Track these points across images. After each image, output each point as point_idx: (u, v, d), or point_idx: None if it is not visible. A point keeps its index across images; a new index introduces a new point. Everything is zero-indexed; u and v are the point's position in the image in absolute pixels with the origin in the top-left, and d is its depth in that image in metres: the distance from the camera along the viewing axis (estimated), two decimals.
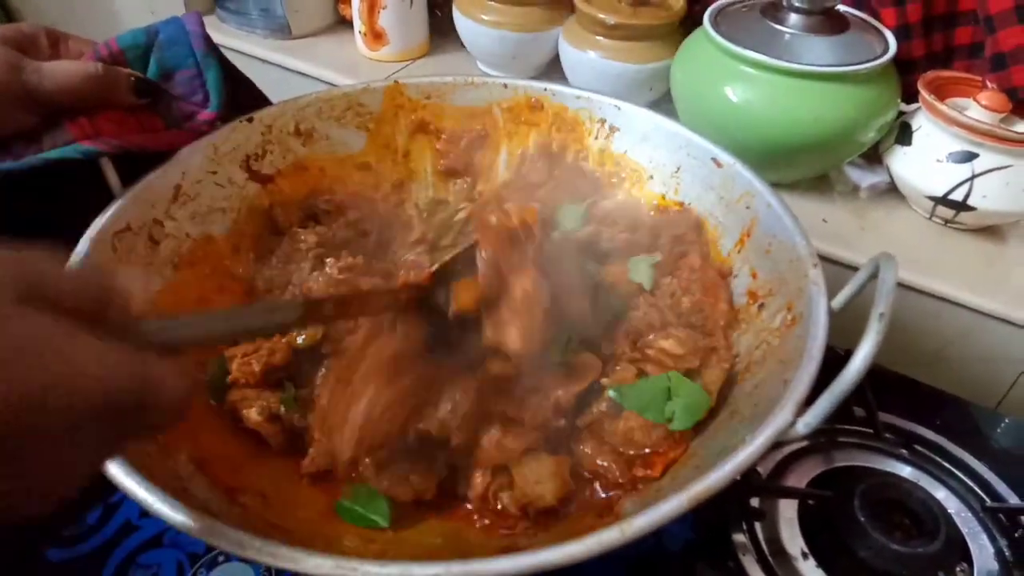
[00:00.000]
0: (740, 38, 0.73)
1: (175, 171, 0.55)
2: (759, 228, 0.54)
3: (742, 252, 0.55)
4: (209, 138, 0.58)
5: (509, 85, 0.67)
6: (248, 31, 1.04)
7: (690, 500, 0.34)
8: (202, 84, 0.56)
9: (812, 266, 0.47)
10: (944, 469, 0.59)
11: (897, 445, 0.60)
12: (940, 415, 0.63)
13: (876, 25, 0.77)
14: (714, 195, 0.58)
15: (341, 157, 0.66)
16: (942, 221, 0.77)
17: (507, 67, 0.95)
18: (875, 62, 0.71)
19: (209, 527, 0.34)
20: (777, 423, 0.37)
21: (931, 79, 0.76)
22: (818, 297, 0.44)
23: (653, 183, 0.63)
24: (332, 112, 0.65)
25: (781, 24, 0.74)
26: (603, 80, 0.86)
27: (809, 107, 0.72)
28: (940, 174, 0.73)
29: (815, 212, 0.79)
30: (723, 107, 0.75)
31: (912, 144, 0.76)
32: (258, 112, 0.61)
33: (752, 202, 0.54)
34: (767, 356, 0.47)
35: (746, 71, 0.73)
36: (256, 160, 0.61)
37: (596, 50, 0.85)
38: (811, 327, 0.42)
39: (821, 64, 0.71)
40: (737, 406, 0.46)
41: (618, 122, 0.65)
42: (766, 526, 0.54)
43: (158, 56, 0.56)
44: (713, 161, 0.58)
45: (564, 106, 0.66)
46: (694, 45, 0.80)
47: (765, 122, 0.74)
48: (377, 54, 1.00)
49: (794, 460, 0.58)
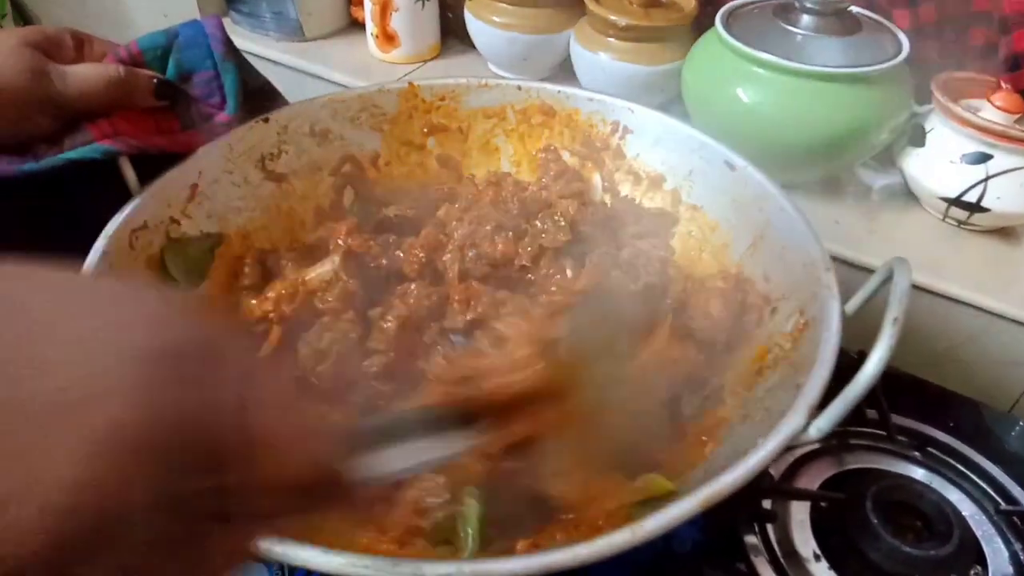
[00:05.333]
0: (752, 39, 0.73)
1: (192, 170, 0.56)
2: (772, 232, 0.54)
3: (755, 255, 0.55)
4: (225, 138, 0.58)
5: (523, 87, 0.67)
6: (261, 34, 1.04)
7: (701, 503, 0.34)
8: (220, 86, 0.57)
9: (825, 270, 0.47)
10: (958, 471, 0.58)
11: (910, 447, 0.60)
12: (953, 417, 0.63)
13: (889, 26, 0.77)
14: (727, 198, 0.58)
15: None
16: (955, 222, 0.77)
17: (518, 69, 0.95)
18: (888, 63, 0.71)
19: None
20: (790, 427, 0.37)
21: (945, 80, 0.75)
22: (831, 302, 0.44)
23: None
24: (347, 113, 0.66)
25: (793, 25, 0.74)
26: (614, 82, 0.85)
27: (821, 109, 0.72)
28: (954, 175, 0.73)
29: (827, 214, 0.79)
30: (734, 108, 0.75)
31: (925, 145, 0.75)
32: (274, 113, 0.62)
33: (765, 205, 0.55)
34: (779, 360, 0.47)
35: (758, 72, 0.73)
36: (272, 160, 0.62)
37: (607, 52, 0.85)
38: (824, 332, 0.43)
39: (834, 65, 0.70)
40: (749, 410, 0.46)
41: (631, 125, 0.65)
42: (778, 528, 0.54)
43: (177, 57, 0.56)
44: (726, 164, 0.58)
45: (577, 108, 0.66)
46: (705, 46, 0.80)
47: (777, 124, 0.73)
48: (389, 56, 1.00)
49: (806, 462, 0.58)
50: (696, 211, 0.62)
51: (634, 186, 0.66)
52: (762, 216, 0.55)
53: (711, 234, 0.61)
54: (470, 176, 0.68)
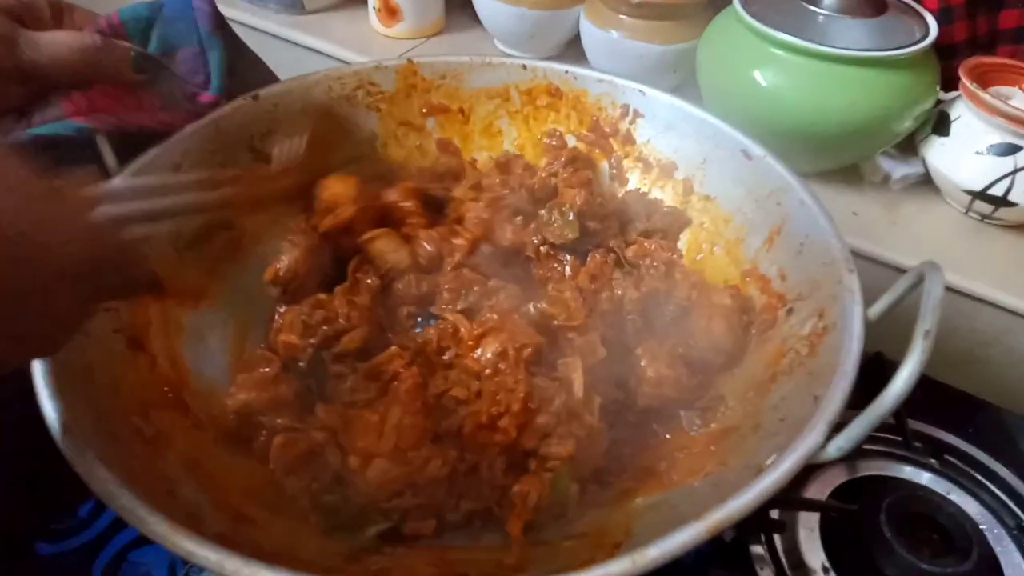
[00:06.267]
0: (771, 19, 0.69)
1: (175, 150, 0.53)
2: (791, 226, 0.50)
3: (770, 251, 0.52)
4: (211, 116, 0.55)
5: (528, 66, 0.64)
6: (259, 5, 1.01)
7: (708, 529, 0.32)
8: (204, 64, 0.53)
9: (848, 271, 0.43)
10: (977, 482, 0.56)
11: (927, 455, 0.57)
12: (973, 423, 0.60)
13: (916, 7, 0.73)
14: (742, 189, 0.55)
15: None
16: (979, 216, 0.73)
17: (526, 46, 0.92)
18: (914, 47, 0.67)
19: (186, 541, 0.32)
20: (806, 445, 0.35)
21: (973, 66, 0.71)
22: (853, 306, 0.41)
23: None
24: (342, 91, 0.62)
25: (815, 5, 0.70)
26: (625, 61, 0.82)
27: (842, 93, 0.68)
28: (979, 167, 0.69)
29: (845, 204, 0.75)
30: (751, 91, 0.71)
31: (950, 135, 0.72)
32: (264, 90, 0.58)
33: (784, 198, 0.51)
34: (795, 366, 0.44)
35: (777, 54, 0.69)
36: (261, 140, 0.59)
37: (619, 30, 0.81)
38: (845, 340, 0.40)
39: (856, 48, 0.67)
40: (761, 419, 0.43)
41: (642, 108, 0.61)
42: (786, 538, 0.51)
43: (160, 31, 0.53)
44: (743, 153, 0.55)
45: (585, 90, 0.63)
46: (722, 25, 0.76)
47: (795, 108, 0.70)
48: (391, 31, 0.96)
49: (817, 468, 0.55)
50: (709, 202, 0.59)
51: (644, 174, 0.62)
52: (780, 209, 0.52)
53: (724, 227, 0.57)
54: (471, 161, 0.65)
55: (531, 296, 0.52)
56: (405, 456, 0.41)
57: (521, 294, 0.51)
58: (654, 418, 0.49)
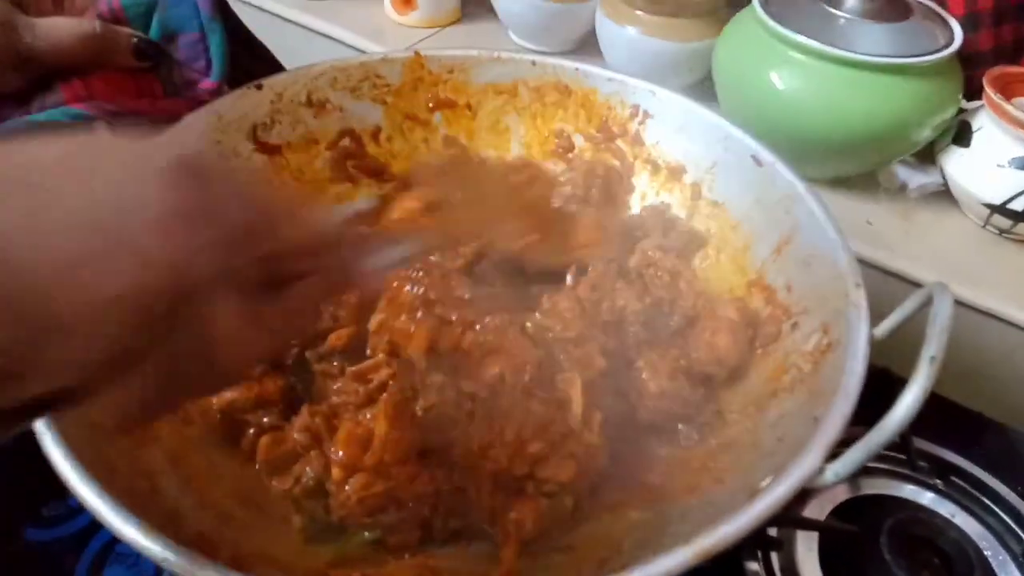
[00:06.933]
0: (791, 20, 0.68)
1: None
2: (800, 236, 0.49)
3: (778, 261, 0.51)
4: (214, 105, 0.54)
5: (538, 63, 0.63)
6: None
7: (696, 555, 0.31)
8: (205, 49, 0.52)
9: (855, 287, 0.42)
10: (982, 504, 0.54)
11: (931, 475, 0.55)
12: (980, 442, 0.59)
13: (941, 13, 0.71)
14: (751, 196, 0.54)
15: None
16: (997, 231, 0.72)
17: (540, 39, 0.90)
18: (937, 54, 0.65)
19: (161, 546, 0.31)
20: (803, 469, 0.34)
21: (998, 75, 0.69)
22: (859, 323, 0.40)
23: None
24: (347, 82, 0.61)
25: (837, 7, 0.68)
26: (641, 58, 0.80)
27: (861, 100, 0.66)
28: (1000, 180, 0.67)
29: (859, 212, 0.74)
30: (767, 94, 0.69)
31: (971, 146, 0.70)
32: (268, 79, 0.57)
33: (793, 207, 0.50)
34: (796, 383, 0.43)
35: (795, 56, 0.68)
36: (264, 130, 0.58)
37: (635, 25, 0.80)
38: (849, 359, 0.38)
39: (878, 54, 0.65)
40: (759, 436, 0.42)
41: (652, 109, 0.60)
42: (783, 556, 0.50)
43: (161, 16, 0.52)
44: (753, 159, 0.53)
45: (595, 88, 0.62)
46: (740, 25, 0.75)
47: (812, 113, 0.68)
48: (406, 19, 0.95)
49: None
50: (717, 208, 0.57)
51: (652, 177, 0.61)
52: (789, 219, 0.50)
53: (732, 235, 0.56)
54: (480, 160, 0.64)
55: (527, 307, 0.50)
56: (389, 471, 0.40)
57: (516, 305, 0.50)
58: (652, 431, 0.48)
